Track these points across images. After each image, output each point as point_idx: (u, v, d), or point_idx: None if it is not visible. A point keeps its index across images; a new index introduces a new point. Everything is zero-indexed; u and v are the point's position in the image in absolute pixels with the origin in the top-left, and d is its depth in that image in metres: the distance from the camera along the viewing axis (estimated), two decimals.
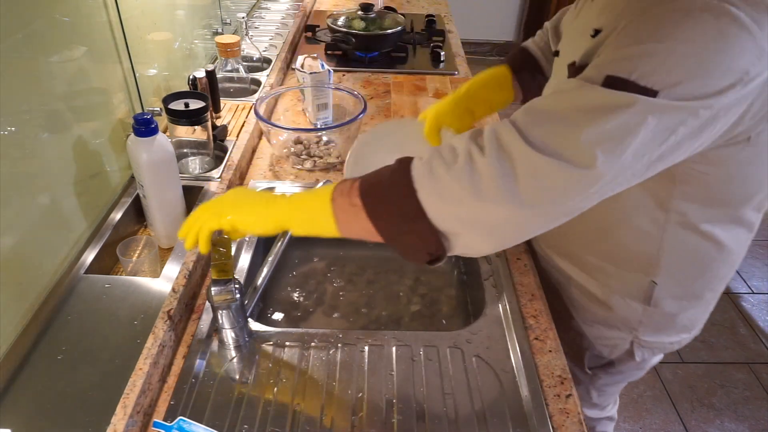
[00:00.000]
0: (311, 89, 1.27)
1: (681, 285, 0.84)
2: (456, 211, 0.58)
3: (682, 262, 0.81)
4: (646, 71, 0.55)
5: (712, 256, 0.81)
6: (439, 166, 0.59)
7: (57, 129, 0.85)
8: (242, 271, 0.93)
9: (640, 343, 0.91)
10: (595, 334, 0.94)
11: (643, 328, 0.89)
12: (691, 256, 0.80)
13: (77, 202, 0.89)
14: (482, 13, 4.03)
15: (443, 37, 1.89)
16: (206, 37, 1.52)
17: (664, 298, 0.84)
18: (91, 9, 0.91)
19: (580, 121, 0.56)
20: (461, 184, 0.57)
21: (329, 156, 1.20)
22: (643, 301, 0.85)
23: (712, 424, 1.82)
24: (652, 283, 0.82)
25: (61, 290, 0.82)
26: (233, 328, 0.78)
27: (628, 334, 0.90)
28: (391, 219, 0.62)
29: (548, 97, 0.61)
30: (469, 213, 0.58)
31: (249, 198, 0.72)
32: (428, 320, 1.00)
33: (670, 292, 0.84)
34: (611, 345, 0.93)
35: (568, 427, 0.71)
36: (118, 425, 0.63)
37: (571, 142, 0.55)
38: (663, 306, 0.85)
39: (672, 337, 0.92)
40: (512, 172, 0.56)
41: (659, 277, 0.82)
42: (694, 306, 0.88)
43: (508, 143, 0.57)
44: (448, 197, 0.58)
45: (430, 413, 0.72)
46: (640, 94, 0.55)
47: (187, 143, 1.09)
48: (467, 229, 0.60)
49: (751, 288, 2.34)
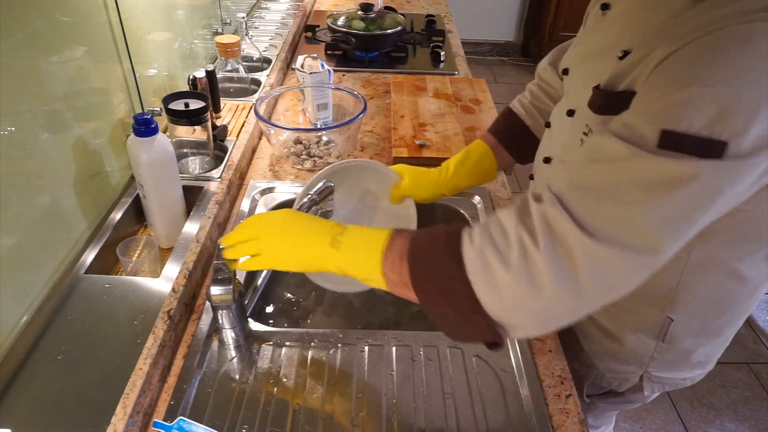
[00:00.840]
0: (311, 89, 1.27)
1: (700, 322, 0.79)
2: (515, 308, 0.56)
3: (703, 298, 0.75)
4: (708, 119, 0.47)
5: (735, 292, 0.75)
6: (494, 261, 0.55)
7: (57, 129, 0.85)
8: (242, 271, 0.93)
9: (651, 379, 0.86)
10: (605, 366, 0.89)
11: (655, 364, 0.84)
12: (714, 294, 0.75)
13: (77, 202, 0.89)
14: (482, 13, 4.03)
15: (443, 37, 1.89)
16: (206, 37, 1.52)
17: (679, 335, 0.79)
18: (91, 9, 0.91)
19: (639, 200, 0.50)
20: (520, 285, 0.53)
21: (329, 156, 1.20)
22: (657, 337, 0.80)
23: (712, 424, 1.82)
24: (668, 319, 0.77)
25: (61, 290, 0.82)
26: (233, 328, 0.78)
27: (639, 369, 0.85)
28: (448, 312, 0.59)
29: (594, 166, 0.55)
30: (529, 308, 0.55)
31: (295, 232, 0.67)
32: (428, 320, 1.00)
33: (688, 328, 0.78)
34: (621, 378, 0.89)
35: (568, 427, 0.71)
36: (118, 425, 0.63)
37: (632, 226, 0.50)
38: (678, 342, 0.80)
39: (685, 373, 0.87)
40: (570, 265, 0.52)
41: (676, 314, 0.77)
42: (712, 342, 0.83)
43: (562, 231, 0.52)
44: (507, 297, 0.55)
45: (430, 413, 0.72)
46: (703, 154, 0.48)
47: (187, 143, 1.09)
48: (525, 320, 0.57)
49: None
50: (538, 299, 0.53)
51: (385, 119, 1.40)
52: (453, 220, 1.10)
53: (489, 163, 0.97)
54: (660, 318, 0.78)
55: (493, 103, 1.44)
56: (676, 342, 0.80)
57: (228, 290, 0.73)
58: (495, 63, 4.16)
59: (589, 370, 0.91)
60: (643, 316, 0.80)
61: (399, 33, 1.71)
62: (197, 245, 0.89)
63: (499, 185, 1.16)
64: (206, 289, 0.86)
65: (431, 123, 1.33)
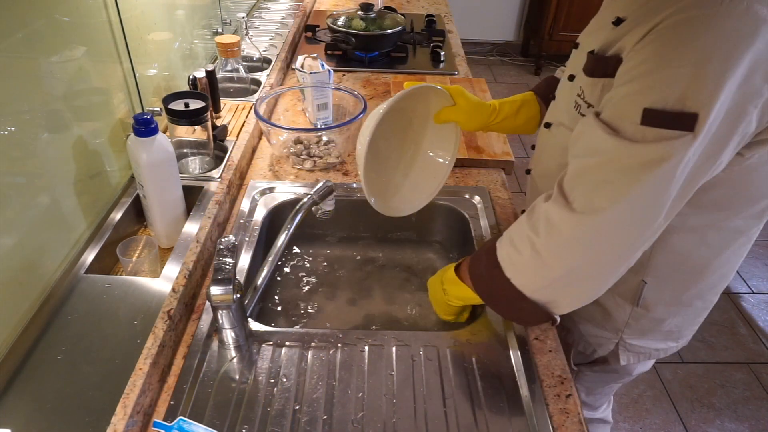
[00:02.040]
0: (311, 89, 1.27)
1: (672, 289, 0.84)
2: (542, 284, 0.72)
3: (673, 264, 0.81)
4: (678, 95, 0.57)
5: (705, 262, 0.81)
6: (515, 255, 0.73)
7: (57, 129, 0.85)
8: (242, 271, 0.93)
9: (626, 347, 0.92)
10: (583, 330, 0.96)
11: (629, 331, 0.90)
12: (684, 260, 0.81)
13: (77, 202, 0.89)
14: (482, 13, 4.03)
15: (443, 37, 1.89)
16: (206, 37, 1.52)
17: (652, 300, 0.85)
18: (91, 9, 0.91)
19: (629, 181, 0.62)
20: (536, 265, 0.70)
21: (329, 156, 1.20)
22: (632, 301, 0.86)
23: (712, 424, 1.82)
24: (642, 282, 0.83)
25: (61, 290, 0.82)
26: (233, 328, 0.78)
27: (615, 335, 0.91)
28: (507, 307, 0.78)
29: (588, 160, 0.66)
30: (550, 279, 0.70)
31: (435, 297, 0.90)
32: (428, 320, 1.00)
33: (660, 295, 0.85)
34: (597, 344, 0.95)
35: (568, 427, 0.71)
36: (118, 425, 0.63)
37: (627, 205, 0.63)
38: (650, 309, 0.86)
39: (658, 344, 0.92)
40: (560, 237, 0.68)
41: (649, 277, 0.83)
42: (682, 314, 0.88)
43: (557, 219, 0.68)
44: (532, 278, 0.72)
45: (430, 413, 0.72)
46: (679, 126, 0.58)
47: (187, 143, 1.09)
48: (554, 293, 0.72)
49: (751, 288, 2.34)
50: (553, 271, 0.69)
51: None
52: (453, 219, 1.10)
53: (535, 111, 1.02)
54: (635, 281, 0.84)
55: None
56: (650, 308, 0.87)
57: (228, 290, 0.73)
58: (495, 63, 4.16)
59: (572, 335, 0.98)
60: (621, 279, 0.84)
61: (399, 33, 1.71)
62: (197, 245, 0.89)
63: (499, 185, 1.16)
64: (206, 289, 0.86)
65: None
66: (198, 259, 0.88)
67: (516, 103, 1.00)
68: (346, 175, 1.19)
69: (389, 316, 1.00)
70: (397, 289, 1.06)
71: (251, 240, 0.99)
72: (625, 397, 1.88)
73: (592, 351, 0.97)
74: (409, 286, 1.07)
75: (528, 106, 1.01)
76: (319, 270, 1.09)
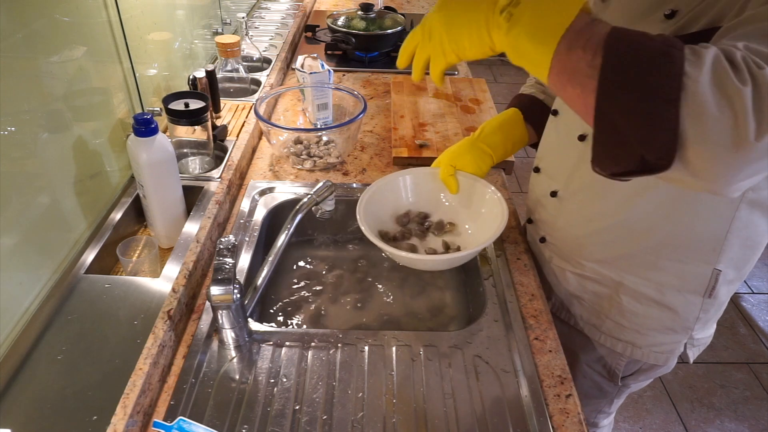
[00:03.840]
0: (311, 89, 1.27)
1: (736, 269, 0.79)
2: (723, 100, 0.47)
3: (742, 243, 0.76)
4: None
5: (762, 234, 0.76)
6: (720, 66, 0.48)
7: (57, 129, 0.85)
8: (242, 271, 0.93)
9: (693, 343, 0.87)
10: (649, 341, 0.88)
11: (700, 324, 0.84)
12: (751, 236, 0.75)
13: (77, 202, 0.89)
14: None
15: None
16: (206, 37, 1.52)
17: (722, 286, 0.80)
18: (91, 9, 0.91)
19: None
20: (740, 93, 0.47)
21: (329, 156, 1.20)
22: (703, 293, 0.80)
23: (712, 424, 1.82)
24: (715, 270, 0.78)
25: (61, 290, 0.82)
26: (233, 328, 0.78)
27: (684, 335, 0.86)
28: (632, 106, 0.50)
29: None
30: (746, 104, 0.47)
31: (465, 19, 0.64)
32: (428, 320, 1.00)
33: (727, 278, 0.79)
34: (667, 351, 0.89)
35: (568, 427, 0.71)
36: (118, 425, 0.63)
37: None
38: (719, 296, 0.81)
39: (710, 329, 0.88)
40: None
41: (722, 264, 0.77)
42: (733, 291, 0.83)
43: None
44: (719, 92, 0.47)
45: (430, 413, 0.72)
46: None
47: (187, 143, 1.09)
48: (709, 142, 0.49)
49: (751, 288, 2.34)
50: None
51: (385, 119, 1.40)
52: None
53: (521, 132, 1.00)
54: (706, 271, 0.78)
55: (493, 102, 1.44)
56: (719, 295, 0.80)
57: (228, 290, 0.73)
58: (495, 63, 4.16)
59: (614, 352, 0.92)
60: (689, 275, 0.79)
61: (399, 33, 1.71)
62: (197, 245, 0.89)
63: (499, 185, 1.16)
64: (206, 289, 0.86)
65: (431, 123, 1.33)
66: (198, 259, 0.88)
67: (507, 141, 0.99)
68: (346, 175, 1.19)
69: (389, 316, 1.00)
70: (397, 289, 1.06)
71: (251, 240, 0.99)
72: (625, 397, 1.88)
73: (663, 360, 0.90)
74: (408, 286, 1.07)
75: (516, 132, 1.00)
76: (319, 270, 1.09)
